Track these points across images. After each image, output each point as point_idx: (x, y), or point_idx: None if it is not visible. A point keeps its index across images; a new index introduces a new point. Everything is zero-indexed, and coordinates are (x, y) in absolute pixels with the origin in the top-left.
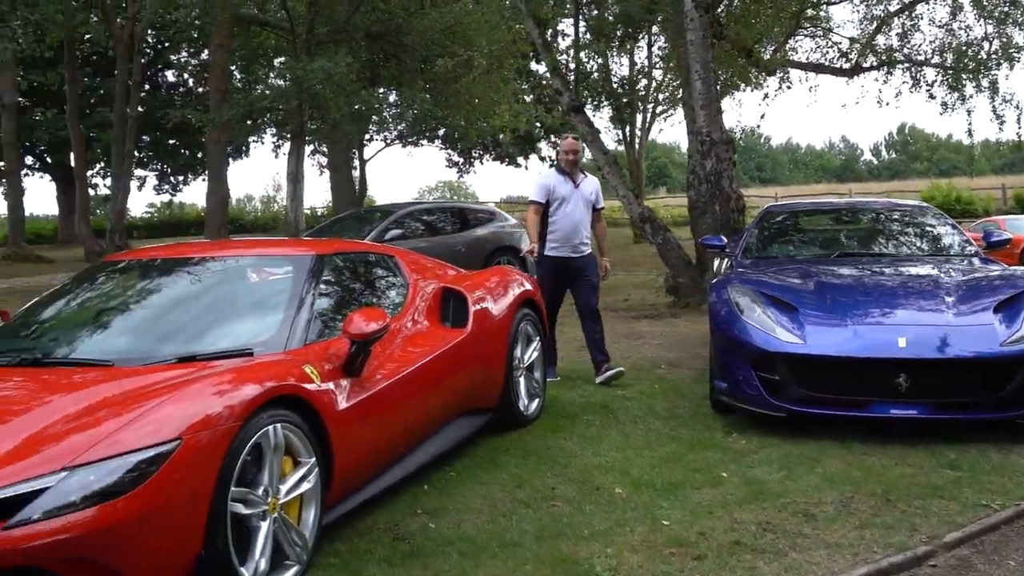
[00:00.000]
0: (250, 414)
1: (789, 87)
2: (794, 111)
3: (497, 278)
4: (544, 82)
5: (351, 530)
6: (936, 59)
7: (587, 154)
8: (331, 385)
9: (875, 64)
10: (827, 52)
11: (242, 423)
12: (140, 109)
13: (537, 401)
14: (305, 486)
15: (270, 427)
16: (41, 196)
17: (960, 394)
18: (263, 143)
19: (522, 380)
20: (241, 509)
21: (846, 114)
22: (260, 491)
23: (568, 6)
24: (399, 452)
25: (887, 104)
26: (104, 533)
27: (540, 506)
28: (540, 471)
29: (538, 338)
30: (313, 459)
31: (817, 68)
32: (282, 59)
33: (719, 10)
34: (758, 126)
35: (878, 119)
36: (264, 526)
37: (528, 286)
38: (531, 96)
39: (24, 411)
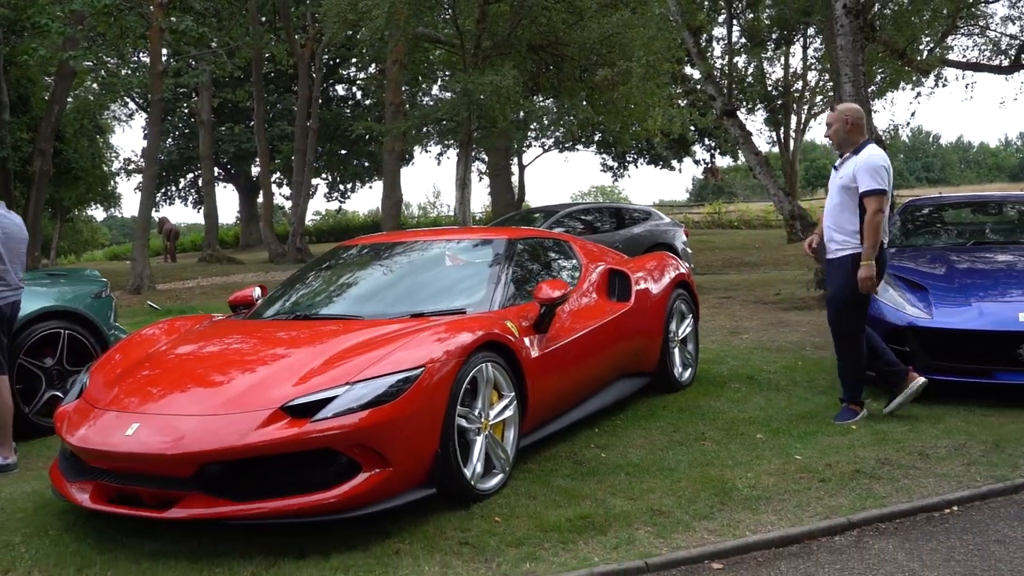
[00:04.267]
0: (469, 353)
1: (945, 85)
2: (965, 108)
3: (655, 262)
4: (699, 87)
5: (539, 456)
6: None
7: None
8: (525, 339)
9: None
10: (984, 50)
11: (464, 359)
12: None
13: (690, 371)
14: (507, 413)
15: (483, 365)
16: (221, 205)
17: None
18: (428, 152)
19: (676, 351)
20: (464, 423)
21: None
22: (476, 413)
23: (722, 15)
24: (576, 397)
25: None
26: (374, 428)
27: (692, 445)
28: (692, 421)
29: (691, 316)
30: (513, 393)
31: (975, 67)
32: (447, 73)
33: (871, 13)
34: (907, 123)
35: None
36: (479, 440)
37: (682, 270)
38: (685, 100)
39: (312, 346)
